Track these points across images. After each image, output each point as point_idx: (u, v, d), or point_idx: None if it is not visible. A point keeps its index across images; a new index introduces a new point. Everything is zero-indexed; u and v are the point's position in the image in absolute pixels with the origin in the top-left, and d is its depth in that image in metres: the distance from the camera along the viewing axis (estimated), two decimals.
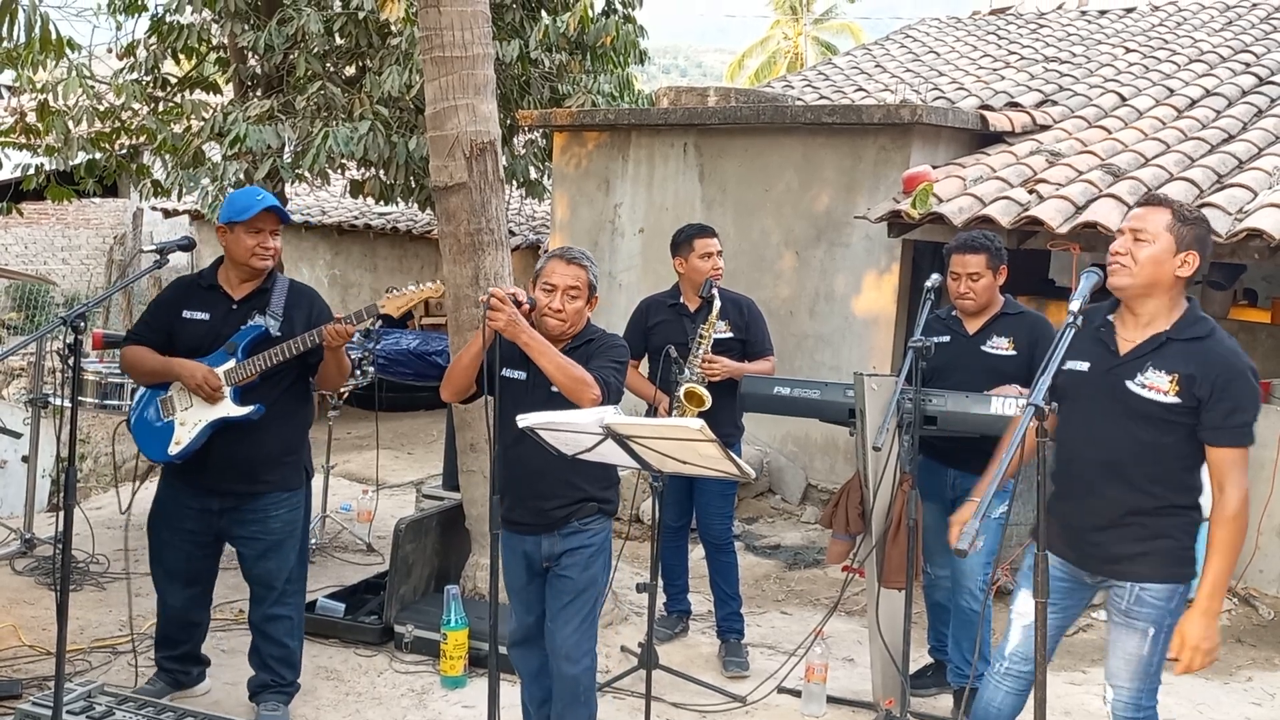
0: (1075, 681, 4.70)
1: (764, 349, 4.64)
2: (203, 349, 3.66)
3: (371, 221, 13.55)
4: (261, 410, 3.61)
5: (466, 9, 4.61)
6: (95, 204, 15.64)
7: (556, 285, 3.30)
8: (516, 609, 3.53)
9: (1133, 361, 2.86)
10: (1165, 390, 2.80)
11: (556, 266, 3.33)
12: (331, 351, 3.63)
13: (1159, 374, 2.80)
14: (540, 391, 3.23)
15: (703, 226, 4.67)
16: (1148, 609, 2.88)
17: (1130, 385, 2.84)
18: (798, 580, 5.92)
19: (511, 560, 3.44)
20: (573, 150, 8.17)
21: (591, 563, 3.35)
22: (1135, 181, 6.05)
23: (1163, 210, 2.84)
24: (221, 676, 4.16)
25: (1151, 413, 2.82)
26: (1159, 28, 10.35)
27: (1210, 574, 2.78)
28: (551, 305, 3.30)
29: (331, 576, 5.43)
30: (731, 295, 4.68)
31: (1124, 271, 2.82)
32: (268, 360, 3.58)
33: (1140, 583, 2.88)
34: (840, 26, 29.76)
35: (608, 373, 3.23)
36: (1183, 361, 2.80)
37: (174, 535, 3.77)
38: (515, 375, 3.31)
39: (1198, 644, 2.77)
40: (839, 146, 6.97)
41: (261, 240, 3.64)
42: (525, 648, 3.55)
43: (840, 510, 4.02)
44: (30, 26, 6.06)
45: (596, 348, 3.34)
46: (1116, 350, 2.89)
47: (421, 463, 8.43)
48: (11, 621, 4.54)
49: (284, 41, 8.90)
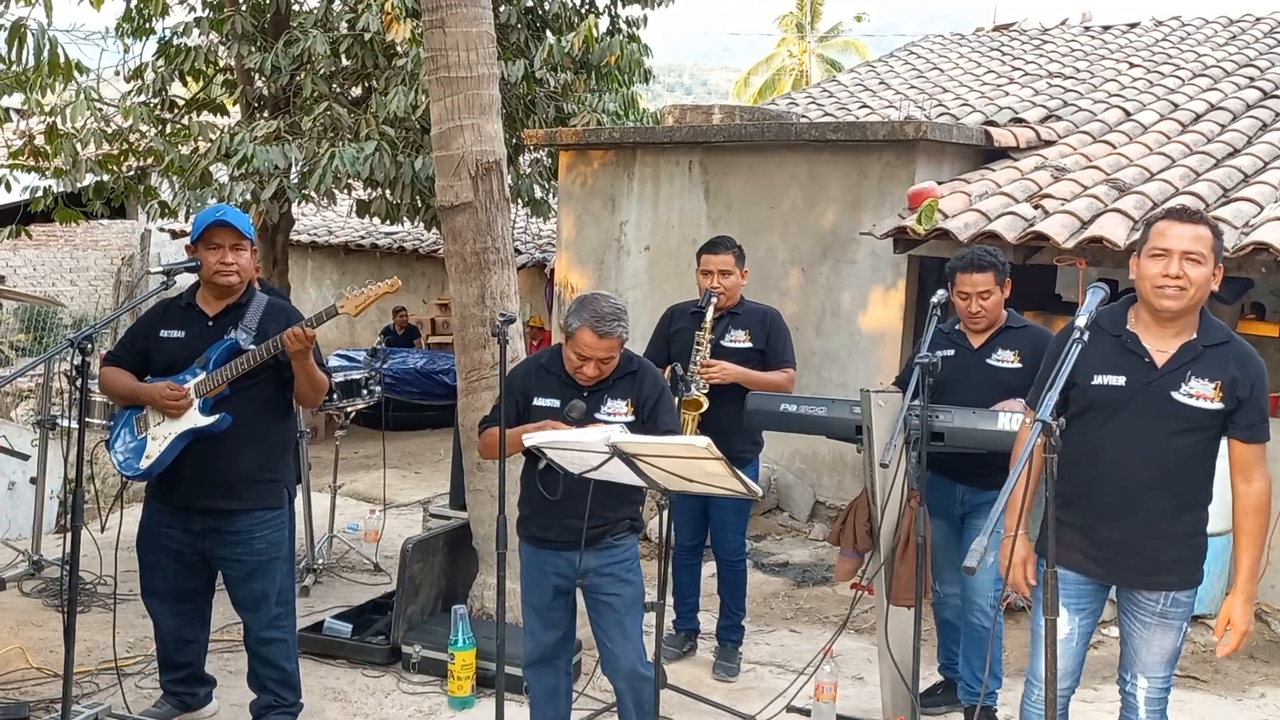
0: (1086, 699, 4.66)
1: (783, 360, 4.62)
2: (178, 366, 3.64)
3: (378, 241, 13.60)
4: (228, 419, 3.56)
5: (471, 30, 4.63)
6: (103, 225, 15.73)
7: (589, 358, 3.31)
8: (535, 628, 3.52)
9: (1174, 372, 2.89)
10: (1211, 397, 2.86)
11: (588, 339, 3.28)
12: (299, 363, 3.54)
13: (1203, 382, 2.86)
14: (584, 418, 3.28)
15: (712, 242, 4.66)
16: (1182, 609, 2.98)
17: (1177, 396, 2.87)
18: (806, 598, 5.89)
19: (539, 578, 3.44)
20: (578, 169, 8.20)
21: (631, 576, 3.44)
22: (1141, 196, 6.05)
23: (1205, 228, 2.87)
24: (229, 698, 4.14)
25: (1198, 420, 2.88)
26: (1163, 42, 10.37)
27: (1247, 560, 2.90)
28: (585, 371, 3.32)
29: (339, 597, 5.42)
30: (758, 307, 4.70)
31: (1182, 295, 2.84)
32: (234, 370, 3.55)
33: (1175, 590, 2.96)
34: (845, 44, 29.88)
35: (671, 421, 3.41)
36: (1220, 367, 2.87)
37: (159, 556, 3.74)
38: (549, 403, 3.36)
39: (1245, 627, 2.89)
40: (844, 163, 6.98)
41: (220, 256, 3.59)
42: (542, 666, 3.55)
43: (848, 527, 4.01)
44: (39, 50, 6.11)
45: (650, 394, 3.40)
46: (1154, 362, 2.90)
47: (429, 482, 8.42)
48: (19, 644, 4.53)
49: (290, 63, 8.96)
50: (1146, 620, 2.99)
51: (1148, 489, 2.89)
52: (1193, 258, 2.82)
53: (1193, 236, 2.84)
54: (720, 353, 4.51)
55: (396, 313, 12.48)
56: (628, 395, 3.40)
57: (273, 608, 3.76)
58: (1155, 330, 2.92)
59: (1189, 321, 2.90)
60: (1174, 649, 3.01)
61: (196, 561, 3.76)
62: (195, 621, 3.92)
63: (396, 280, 3.66)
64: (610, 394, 3.40)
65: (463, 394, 4.81)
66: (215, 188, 9.00)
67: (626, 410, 3.40)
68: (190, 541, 3.71)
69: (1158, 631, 2.98)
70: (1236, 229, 5.46)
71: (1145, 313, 2.93)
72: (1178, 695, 4.79)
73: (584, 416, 3.23)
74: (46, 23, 6.26)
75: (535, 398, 3.41)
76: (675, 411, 3.53)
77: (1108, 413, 2.85)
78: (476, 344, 4.69)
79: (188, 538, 3.70)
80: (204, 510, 3.66)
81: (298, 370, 3.57)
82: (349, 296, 3.59)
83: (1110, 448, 2.91)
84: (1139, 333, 2.93)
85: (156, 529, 3.73)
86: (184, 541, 3.71)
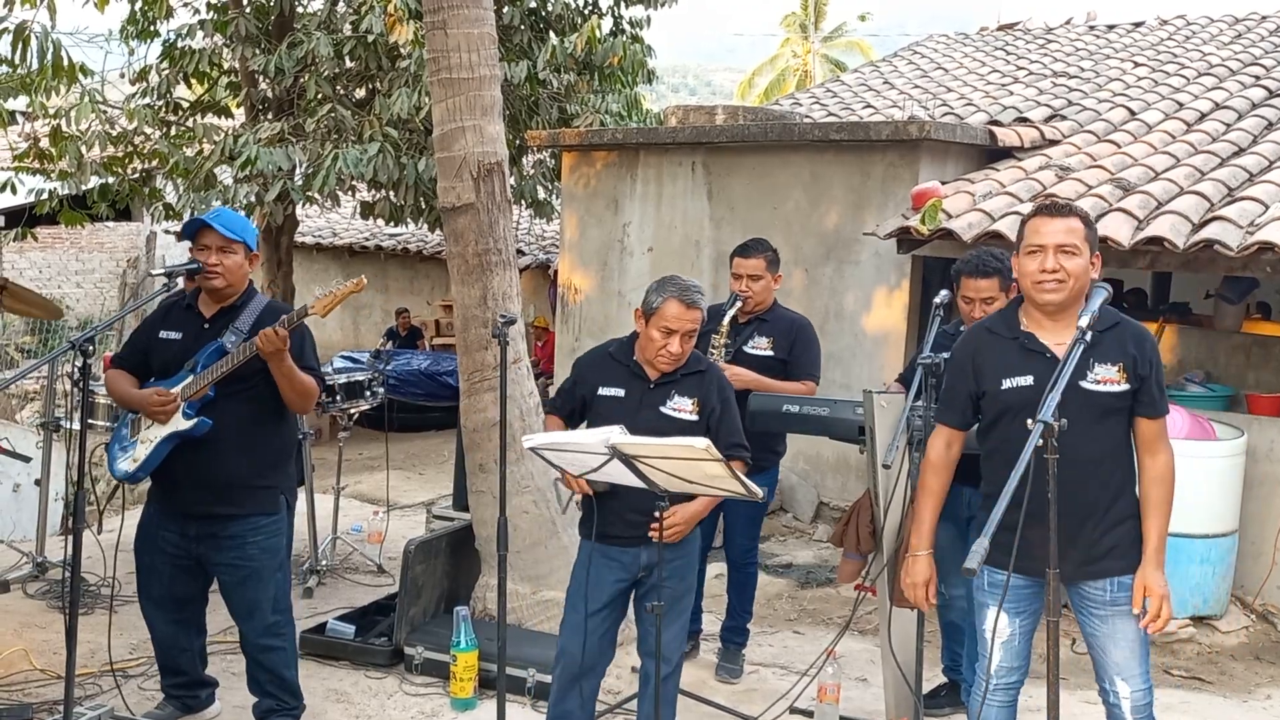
0: (1091, 700, 4.62)
1: (805, 373, 4.54)
2: (172, 368, 3.65)
3: (383, 243, 13.62)
4: (207, 424, 3.54)
5: (473, 31, 4.63)
6: (109, 228, 15.76)
7: (676, 330, 3.30)
8: (585, 628, 3.40)
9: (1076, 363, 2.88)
10: (1117, 380, 2.90)
11: (675, 310, 3.28)
12: (274, 365, 3.50)
13: (1106, 366, 2.90)
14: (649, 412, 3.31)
15: (744, 245, 4.60)
16: (1128, 592, 2.97)
17: (1085, 385, 2.90)
18: (810, 599, 5.88)
19: (605, 575, 3.41)
20: (581, 170, 8.19)
21: (688, 572, 3.45)
22: (1145, 196, 6.02)
23: (1076, 219, 2.93)
24: (231, 699, 4.14)
25: (1109, 405, 2.92)
26: (1167, 41, 10.34)
27: (1156, 529, 2.94)
28: (670, 349, 3.30)
29: (342, 598, 5.42)
30: (788, 315, 4.65)
31: (1061, 288, 2.89)
32: (214, 373, 3.54)
33: (1118, 576, 2.96)
34: (849, 44, 29.87)
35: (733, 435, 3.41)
36: (1119, 349, 2.91)
37: (155, 559, 3.74)
38: (614, 393, 3.38)
39: (1164, 591, 2.89)
40: (847, 164, 6.97)
41: (205, 258, 3.60)
42: (592, 677, 3.50)
43: (851, 529, 4.00)
44: (43, 53, 6.13)
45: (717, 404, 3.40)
46: (1055, 356, 2.91)
47: (433, 483, 8.42)
48: (22, 645, 4.53)
49: (294, 65, 8.97)
50: (1101, 614, 2.99)
51: (1074, 481, 2.86)
52: (1066, 250, 2.87)
53: (1065, 229, 2.89)
54: (741, 358, 4.46)
55: (399, 314, 12.49)
56: (694, 394, 3.40)
57: (269, 615, 3.74)
58: (1047, 325, 2.96)
59: (1074, 312, 2.92)
60: (1139, 638, 2.98)
61: (192, 566, 3.75)
62: (190, 629, 3.90)
63: (363, 280, 3.66)
64: (677, 389, 3.40)
65: (465, 395, 4.81)
66: (219, 190, 9.03)
67: (692, 409, 3.39)
68: (186, 546, 3.70)
69: (1117, 623, 2.97)
70: (1241, 228, 5.44)
71: (1033, 310, 2.97)
72: (1182, 697, 4.80)
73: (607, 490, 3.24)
74: (50, 25, 6.29)
75: (600, 387, 3.41)
76: (739, 427, 3.50)
77: (1022, 414, 2.82)
78: (479, 345, 4.68)
79: (184, 542, 3.69)
80: (199, 515, 3.65)
81: (275, 373, 3.52)
82: (319, 299, 3.58)
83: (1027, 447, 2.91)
84: (1034, 331, 2.98)
85: (154, 531, 3.74)
86: (180, 546, 3.70)
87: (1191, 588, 5.33)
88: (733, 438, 3.44)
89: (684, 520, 3.36)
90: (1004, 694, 3.13)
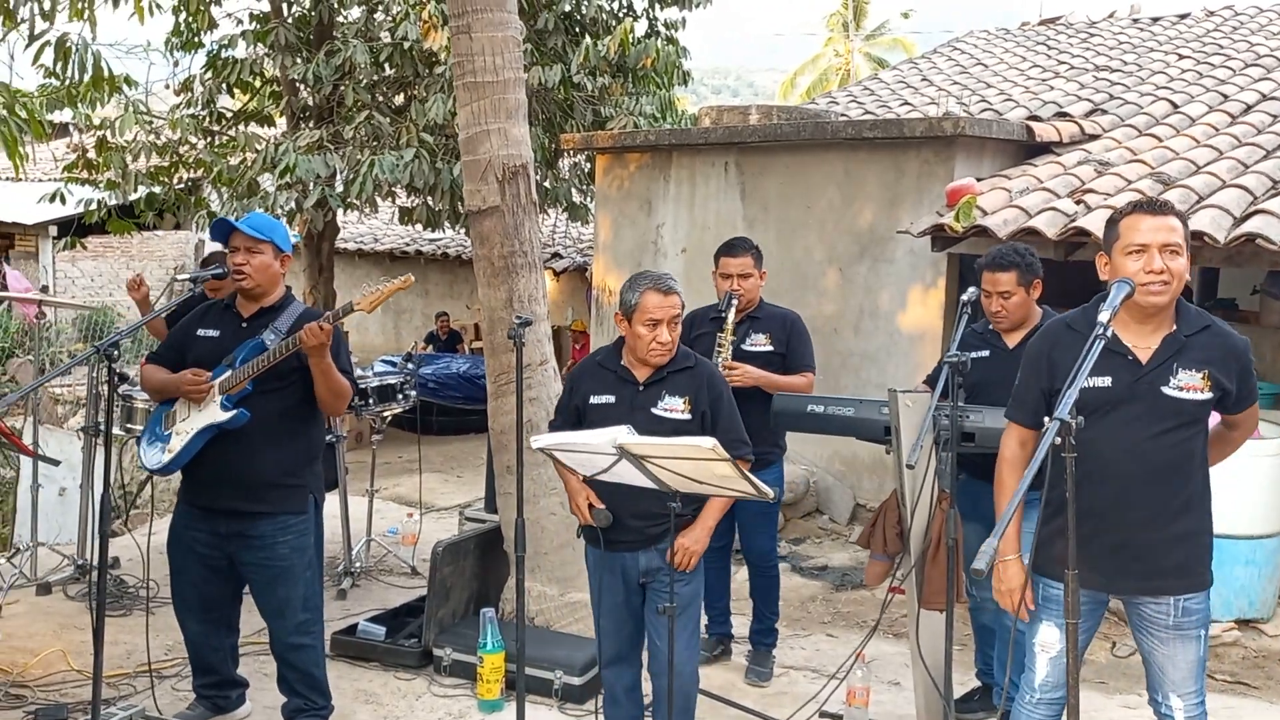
0: (1131, 705, 4.54)
1: (803, 365, 4.56)
2: (208, 364, 3.72)
3: (422, 248, 13.73)
4: (245, 415, 3.60)
5: (497, 34, 4.64)
6: (158, 237, 16.05)
7: (660, 319, 3.29)
8: (609, 627, 3.52)
9: (1160, 367, 2.83)
10: (1200, 388, 2.81)
11: (655, 300, 3.29)
12: (315, 360, 3.55)
13: (1190, 373, 2.81)
14: (641, 414, 3.29)
15: (730, 244, 4.59)
16: (1195, 617, 2.88)
17: (1168, 391, 2.81)
18: (844, 602, 5.82)
19: (610, 579, 3.44)
20: (615, 172, 8.19)
21: (694, 577, 3.42)
22: (1186, 189, 5.89)
23: (1175, 218, 2.82)
24: (261, 700, 4.18)
25: (1190, 414, 2.83)
26: (1214, 33, 10.12)
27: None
28: (660, 339, 3.30)
29: (375, 600, 5.46)
30: (778, 310, 4.65)
31: (1166, 290, 2.78)
32: (255, 367, 3.60)
33: (1183, 595, 2.86)
34: (892, 42, 29.59)
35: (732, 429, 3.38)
36: (1204, 355, 2.82)
37: (187, 559, 3.80)
38: (604, 400, 3.38)
39: None
40: (881, 161, 6.90)
41: (235, 259, 3.69)
42: (620, 666, 3.55)
43: (878, 530, 3.95)
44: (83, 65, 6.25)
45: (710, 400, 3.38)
46: (1138, 360, 2.83)
47: (470, 486, 8.45)
48: (61, 646, 4.62)
49: (332, 73, 9.07)
50: (1163, 636, 2.89)
51: (1142, 490, 2.80)
52: (1171, 249, 2.76)
53: (1168, 228, 2.78)
54: (741, 356, 4.46)
55: (438, 317, 12.59)
56: (685, 393, 3.37)
57: (298, 614, 3.78)
58: (1134, 327, 2.85)
59: (1167, 314, 2.84)
60: (1199, 659, 2.90)
61: (224, 566, 3.80)
62: (221, 629, 3.96)
63: (410, 277, 3.69)
64: (667, 389, 3.38)
65: (493, 397, 4.83)
66: (261, 197, 9.16)
67: (683, 408, 3.36)
68: (217, 544, 3.75)
69: (1178, 646, 2.88)
70: None
71: (1123, 311, 2.83)
72: (1227, 702, 4.68)
73: (608, 524, 3.27)
74: (91, 38, 6.41)
75: (591, 396, 3.42)
76: (739, 424, 3.47)
77: (1096, 416, 2.76)
78: (506, 347, 4.69)
79: (215, 540, 3.75)
80: (228, 513, 3.70)
81: (314, 370, 3.58)
82: (365, 295, 3.63)
83: (1100, 451, 2.81)
84: (1117, 331, 2.84)
85: (185, 532, 3.79)
86: (211, 545, 3.75)
87: (1237, 590, 5.20)
88: (732, 434, 3.39)
89: (695, 541, 3.36)
90: (1046, 709, 3.03)
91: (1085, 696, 4.08)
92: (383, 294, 3.62)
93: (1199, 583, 2.87)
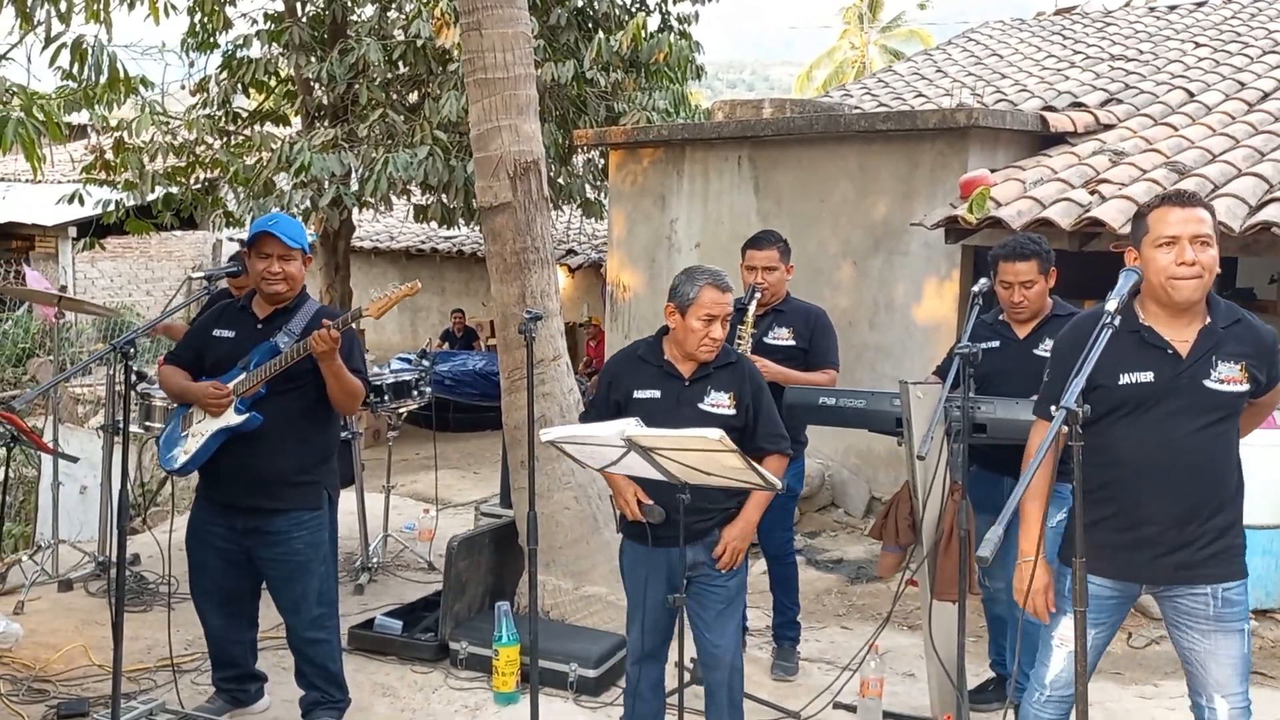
0: (1147, 695, 4.53)
1: (826, 361, 4.52)
2: (224, 365, 3.76)
3: (438, 245, 13.77)
4: (258, 419, 3.65)
5: (508, 31, 4.66)
6: (177, 236, 16.16)
7: (716, 315, 3.30)
8: (648, 624, 3.48)
9: (1200, 360, 2.80)
10: (1239, 379, 2.79)
11: (713, 296, 3.29)
12: (325, 365, 3.59)
13: (1229, 365, 2.79)
14: (689, 409, 3.30)
15: (756, 237, 4.57)
16: (1237, 608, 2.83)
17: (1209, 384, 2.78)
18: (860, 594, 5.82)
19: (653, 575, 3.42)
20: (628, 167, 8.20)
21: (739, 570, 3.43)
22: (1201, 179, 5.86)
23: (1204, 209, 2.78)
24: (280, 693, 4.22)
25: (1230, 406, 2.81)
26: (1231, 20, 10.04)
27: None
28: (713, 335, 3.30)
29: (393, 595, 5.49)
30: (803, 305, 4.61)
31: (1199, 282, 2.75)
32: (268, 371, 3.64)
33: (1221, 583, 2.82)
34: (908, 33, 29.45)
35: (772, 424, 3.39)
36: (1240, 347, 2.81)
37: (206, 554, 3.85)
38: (649, 395, 3.37)
39: None
40: (895, 153, 6.89)
41: (268, 266, 3.70)
42: (651, 662, 3.55)
43: (890, 521, 3.94)
44: (100, 67, 6.31)
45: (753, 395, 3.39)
46: (1178, 354, 2.80)
47: (487, 482, 8.48)
48: (82, 642, 4.67)
49: (346, 71, 9.11)
50: (1204, 629, 2.83)
51: (1186, 484, 2.78)
52: (1201, 240, 2.73)
53: (1197, 219, 2.74)
54: (762, 350, 4.43)
55: (454, 314, 12.63)
56: (730, 388, 3.38)
57: (314, 608, 3.82)
58: (1168, 321, 2.82)
59: (1200, 306, 2.81)
60: (1243, 657, 2.83)
61: (242, 561, 3.84)
62: (241, 623, 4.00)
63: (417, 284, 3.73)
64: (712, 384, 3.38)
65: (506, 393, 4.85)
66: (277, 196, 9.21)
67: (729, 403, 3.36)
68: (235, 540, 3.80)
69: (1220, 640, 2.81)
70: None
71: (1154, 305, 2.82)
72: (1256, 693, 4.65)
73: (661, 520, 3.24)
74: (106, 39, 6.47)
75: (635, 390, 3.40)
76: (778, 418, 3.48)
77: (1138, 411, 2.75)
78: (518, 343, 4.69)
79: (232, 535, 3.79)
80: (245, 509, 3.75)
81: (326, 372, 3.62)
82: (374, 301, 3.66)
83: (1141, 446, 2.80)
84: (1153, 325, 2.82)
85: (203, 527, 3.84)
86: (230, 540, 3.80)
87: (1253, 580, 5.04)
88: (772, 428, 3.42)
89: (740, 534, 3.37)
90: (1055, 708, 3.01)
91: (1100, 686, 4.07)
92: (390, 300, 3.66)
93: (1237, 570, 2.83)
